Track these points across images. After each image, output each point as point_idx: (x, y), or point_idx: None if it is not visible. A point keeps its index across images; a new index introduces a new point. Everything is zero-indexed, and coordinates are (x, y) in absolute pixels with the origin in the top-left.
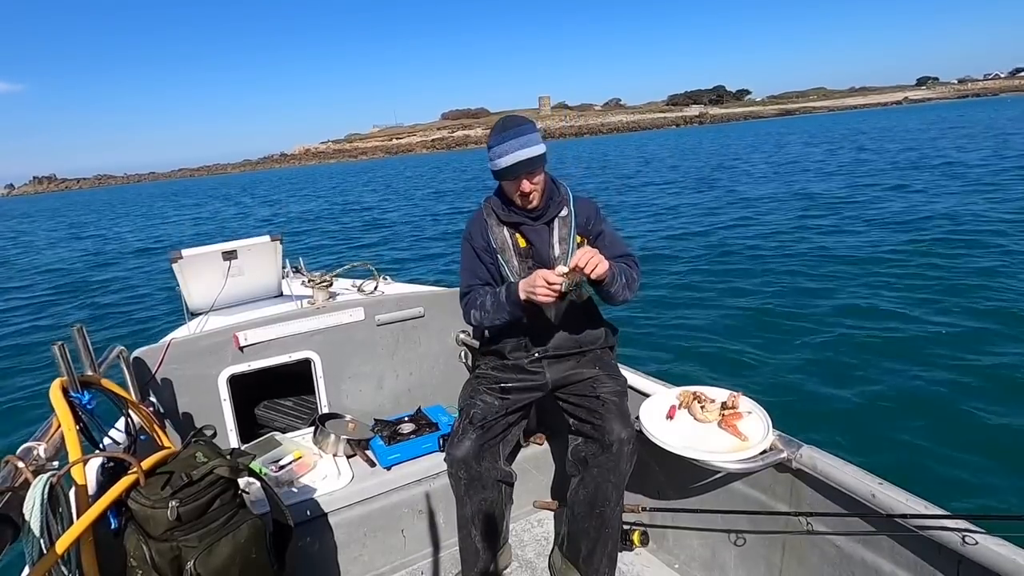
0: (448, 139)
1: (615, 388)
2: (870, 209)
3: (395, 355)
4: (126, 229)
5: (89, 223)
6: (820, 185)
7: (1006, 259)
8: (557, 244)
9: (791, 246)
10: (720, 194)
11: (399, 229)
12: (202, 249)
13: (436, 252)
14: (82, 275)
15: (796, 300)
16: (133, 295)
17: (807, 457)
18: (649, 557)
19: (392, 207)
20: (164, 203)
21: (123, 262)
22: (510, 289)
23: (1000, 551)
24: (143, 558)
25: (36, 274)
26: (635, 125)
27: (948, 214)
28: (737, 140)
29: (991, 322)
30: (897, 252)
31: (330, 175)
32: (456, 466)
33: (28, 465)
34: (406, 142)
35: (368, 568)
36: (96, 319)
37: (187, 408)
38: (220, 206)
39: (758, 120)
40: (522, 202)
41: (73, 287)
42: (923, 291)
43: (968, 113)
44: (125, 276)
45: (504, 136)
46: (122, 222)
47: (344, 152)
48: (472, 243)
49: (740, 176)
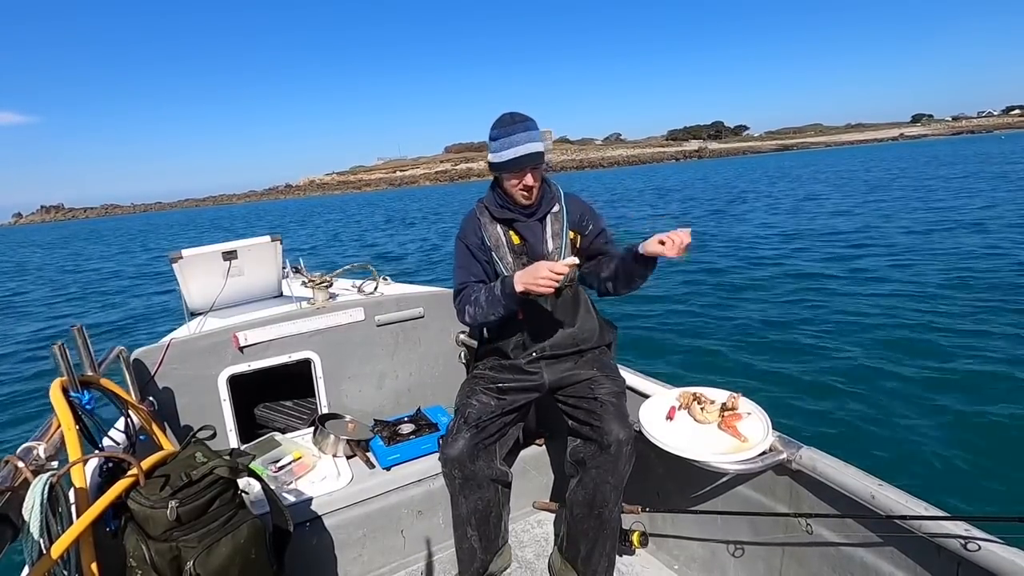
0: (451, 172)
1: (614, 389)
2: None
3: (395, 356)
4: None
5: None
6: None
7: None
8: (550, 240)
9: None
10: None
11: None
12: (202, 249)
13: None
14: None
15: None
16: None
17: (807, 458)
18: (648, 558)
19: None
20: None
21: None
22: (505, 282)
23: (1000, 553)
24: (142, 558)
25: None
26: (635, 159)
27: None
28: (747, 173)
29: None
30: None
31: (337, 206)
32: (450, 465)
33: (28, 465)
34: (410, 174)
35: (367, 568)
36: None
37: (187, 408)
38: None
39: (756, 155)
40: (522, 196)
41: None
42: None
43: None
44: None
45: (512, 128)
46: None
47: (348, 184)
48: (466, 241)
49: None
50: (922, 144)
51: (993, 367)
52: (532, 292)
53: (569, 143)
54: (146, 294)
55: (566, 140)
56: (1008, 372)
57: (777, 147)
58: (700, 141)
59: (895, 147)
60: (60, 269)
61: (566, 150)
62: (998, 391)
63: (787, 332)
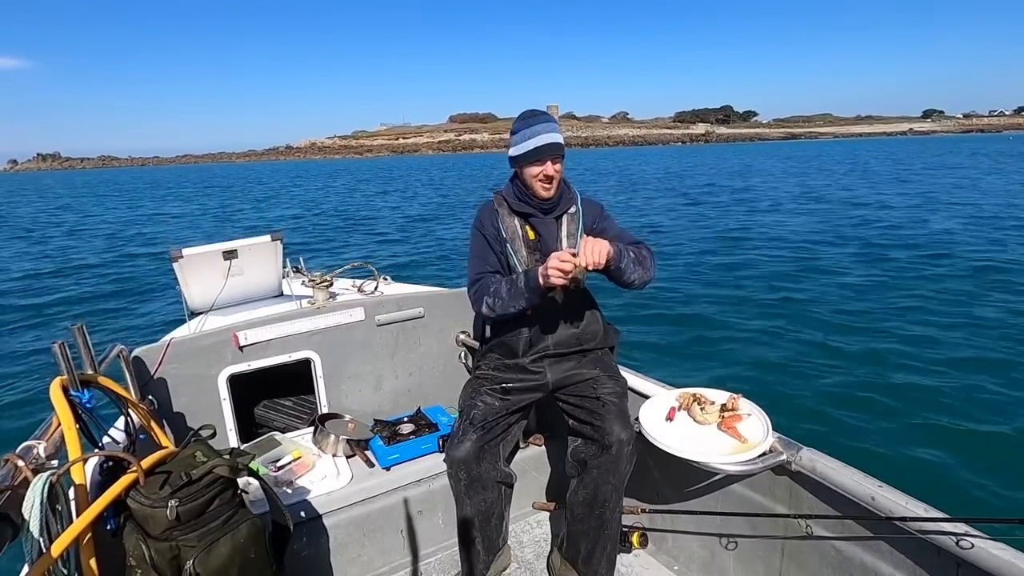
0: (455, 142)
1: (616, 389)
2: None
3: (395, 355)
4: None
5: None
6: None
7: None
8: (565, 238)
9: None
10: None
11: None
12: (202, 248)
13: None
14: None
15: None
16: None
17: (807, 459)
18: (648, 559)
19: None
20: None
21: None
22: (529, 275)
23: (999, 554)
24: (142, 557)
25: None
26: (641, 140)
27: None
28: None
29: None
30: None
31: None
32: (456, 467)
33: (28, 464)
34: (412, 142)
35: (367, 568)
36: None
37: (187, 408)
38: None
39: (763, 142)
40: (542, 188)
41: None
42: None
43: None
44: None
45: (533, 121)
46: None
47: (350, 148)
48: (483, 231)
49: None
50: (932, 140)
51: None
52: (549, 284)
53: (575, 119)
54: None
55: (572, 116)
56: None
57: (784, 135)
58: (707, 125)
59: (904, 142)
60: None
61: (572, 126)
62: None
63: (788, 331)
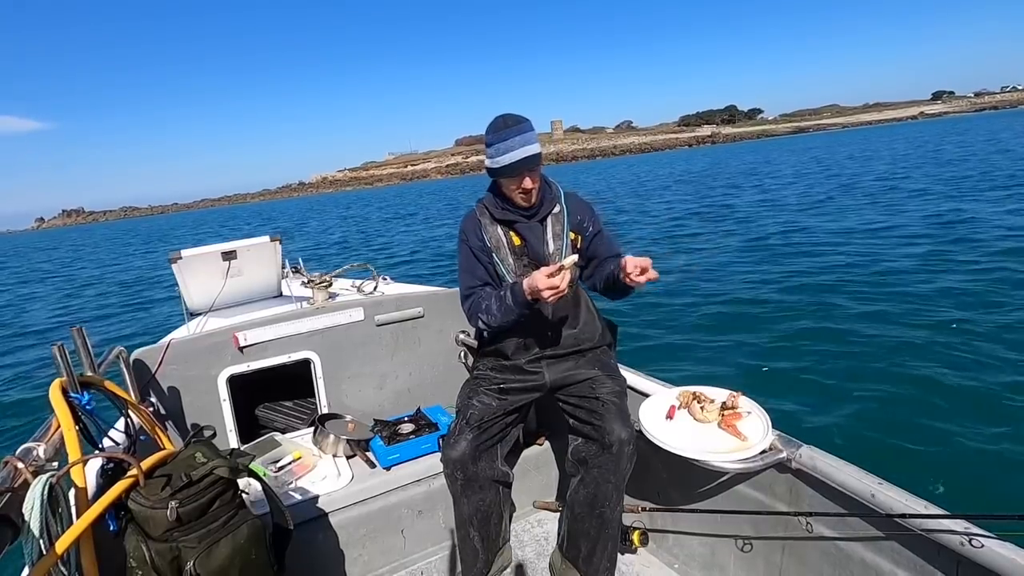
0: (462, 164)
1: (615, 388)
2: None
3: (395, 355)
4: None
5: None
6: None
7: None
8: (551, 241)
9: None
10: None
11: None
12: (201, 249)
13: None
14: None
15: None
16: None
17: (807, 457)
18: (649, 557)
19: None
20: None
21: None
22: (515, 291)
23: (1000, 551)
24: (143, 559)
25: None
26: (648, 146)
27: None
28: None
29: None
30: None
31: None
32: (452, 467)
33: (28, 465)
34: (420, 168)
35: (368, 568)
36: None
37: (187, 408)
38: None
39: (771, 138)
40: (522, 199)
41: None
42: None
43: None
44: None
45: (507, 133)
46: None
47: (360, 180)
48: (468, 243)
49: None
50: (943, 122)
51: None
52: (540, 298)
53: (580, 132)
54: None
55: (577, 129)
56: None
57: (792, 130)
58: (713, 126)
59: (915, 126)
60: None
61: (577, 139)
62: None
63: (787, 332)
